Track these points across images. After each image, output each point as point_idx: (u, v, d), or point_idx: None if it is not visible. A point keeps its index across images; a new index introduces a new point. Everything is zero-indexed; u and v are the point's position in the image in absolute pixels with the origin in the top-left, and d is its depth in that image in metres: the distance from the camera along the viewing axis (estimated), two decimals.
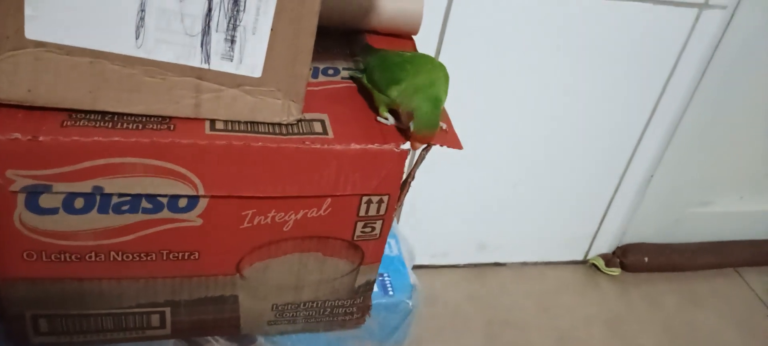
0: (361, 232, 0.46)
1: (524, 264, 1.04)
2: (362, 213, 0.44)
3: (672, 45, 0.86)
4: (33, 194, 0.37)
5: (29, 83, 0.36)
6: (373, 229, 0.46)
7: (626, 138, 0.95)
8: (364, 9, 0.51)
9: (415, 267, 0.65)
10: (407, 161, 0.43)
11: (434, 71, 0.43)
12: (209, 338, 0.52)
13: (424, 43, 0.60)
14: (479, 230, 0.98)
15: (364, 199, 0.44)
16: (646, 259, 1.09)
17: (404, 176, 0.44)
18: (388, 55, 0.46)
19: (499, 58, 0.79)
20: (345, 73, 0.48)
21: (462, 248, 0.99)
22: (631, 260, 1.08)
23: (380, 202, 0.44)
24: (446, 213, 0.93)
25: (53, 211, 0.38)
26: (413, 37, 0.55)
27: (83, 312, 0.44)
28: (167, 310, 0.46)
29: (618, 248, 1.10)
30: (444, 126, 0.44)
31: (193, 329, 0.48)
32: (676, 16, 0.83)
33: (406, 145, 0.42)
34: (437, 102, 0.41)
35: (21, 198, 0.37)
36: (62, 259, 0.41)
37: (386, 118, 0.43)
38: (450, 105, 0.45)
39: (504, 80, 0.82)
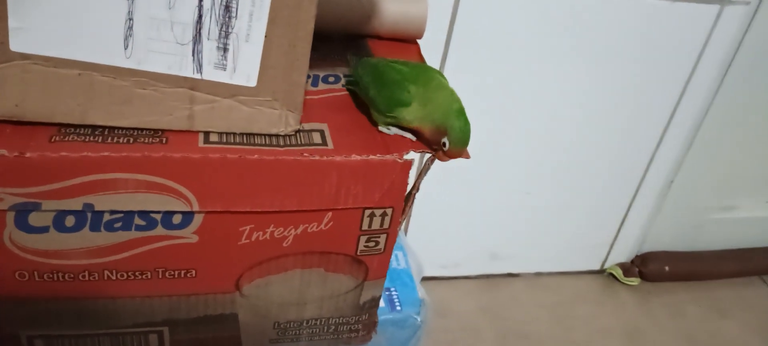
0: (365, 246, 0.44)
1: (538, 274, 1.02)
2: (365, 227, 0.43)
3: (692, 43, 0.83)
4: (22, 212, 0.36)
5: (16, 98, 0.35)
6: (377, 243, 0.44)
7: (645, 141, 0.93)
8: (365, 13, 0.50)
9: (425, 279, 0.63)
10: (412, 172, 0.41)
11: (441, 84, 0.42)
12: None
13: (430, 47, 0.58)
14: (491, 240, 0.96)
15: (367, 212, 0.42)
16: (667, 267, 1.06)
17: (409, 188, 0.42)
18: (381, 69, 0.43)
19: (510, 61, 0.77)
20: (346, 81, 0.47)
21: (473, 258, 0.97)
22: (650, 268, 1.05)
23: (384, 215, 0.42)
24: (456, 222, 0.91)
25: (44, 229, 0.37)
26: (418, 41, 0.53)
27: (79, 332, 0.43)
28: (165, 329, 0.45)
29: (637, 256, 1.07)
30: None
31: None
32: (696, 13, 0.80)
33: (410, 156, 0.40)
34: (464, 114, 0.40)
35: (10, 216, 0.36)
36: (55, 278, 0.39)
37: (388, 129, 0.41)
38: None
39: (515, 83, 0.80)
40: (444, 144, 0.39)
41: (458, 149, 0.40)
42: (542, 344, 0.90)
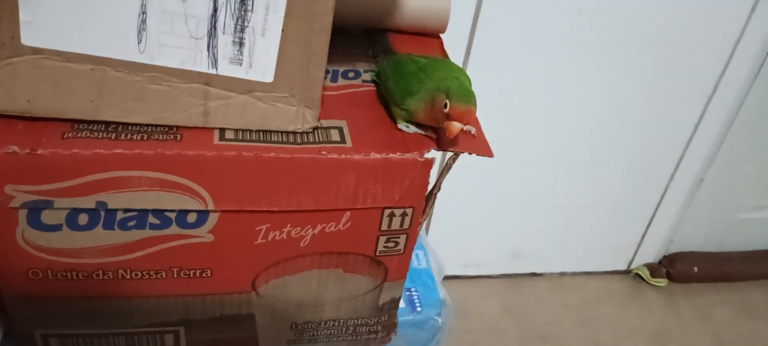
0: (384, 247, 0.43)
1: (562, 274, 1.00)
2: (384, 227, 0.41)
3: (726, 37, 0.80)
4: (34, 211, 0.35)
5: (28, 93, 0.34)
6: (397, 243, 0.43)
7: (675, 138, 0.90)
8: (386, 6, 0.48)
9: (446, 278, 0.62)
10: (433, 171, 0.40)
11: (453, 68, 0.40)
12: None
13: (453, 41, 0.57)
14: (514, 238, 0.94)
15: (386, 212, 0.41)
16: (696, 268, 1.03)
17: (430, 187, 0.41)
18: (401, 63, 0.42)
19: (535, 56, 0.75)
20: (366, 76, 0.45)
21: (496, 257, 0.95)
22: (678, 269, 1.02)
23: (404, 215, 0.41)
24: (479, 220, 0.89)
25: (56, 227, 0.36)
26: (440, 35, 0.51)
27: (94, 332, 0.43)
28: (181, 329, 0.44)
29: (664, 256, 1.04)
30: (473, 130, 0.40)
31: None
32: (730, 6, 0.77)
33: (431, 154, 0.39)
34: (466, 79, 0.38)
35: (22, 214, 0.35)
36: (69, 277, 0.39)
37: (407, 126, 0.40)
38: (481, 105, 0.42)
39: (540, 79, 0.77)
40: (445, 105, 0.36)
41: (462, 107, 0.36)
42: (565, 345, 0.88)
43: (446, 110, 0.36)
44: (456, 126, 0.36)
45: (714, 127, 0.90)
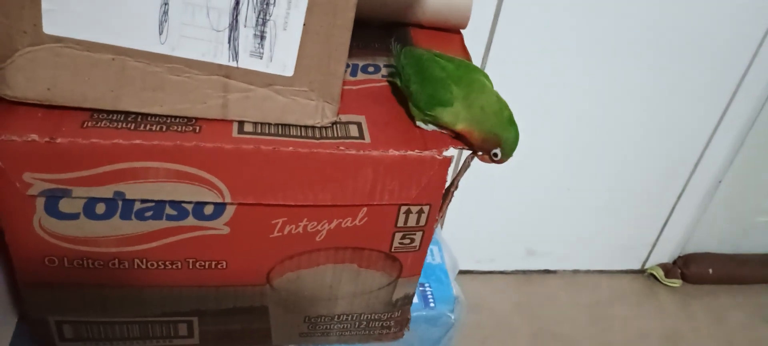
0: (400, 243, 0.42)
1: (576, 272, 0.99)
2: (401, 224, 0.41)
3: (748, 39, 0.79)
4: (52, 199, 0.35)
5: (48, 81, 0.34)
6: (413, 240, 0.42)
7: (694, 139, 0.88)
8: (407, 0, 0.47)
9: (459, 273, 0.61)
10: (450, 169, 0.39)
11: (484, 87, 0.40)
12: None
13: (473, 37, 0.56)
14: (528, 235, 0.93)
15: (403, 209, 0.40)
16: (711, 270, 1.02)
17: (447, 184, 0.40)
18: (425, 64, 0.41)
19: (555, 54, 0.74)
20: (386, 71, 0.45)
21: (509, 253, 0.94)
22: (693, 270, 1.01)
23: (420, 212, 0.41)
24: (493, 216, 0.88)
25: (74, 216, 0.36)
26: (461, 31, 0.51)
27: (108, 319, 0.43)
28: (195, 319, 0.44)
29: (679, 257, 1.03)
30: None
31: (222, 339, 0.46)
32: (752, 7, 0.76)
33: (449, 152, 0.38)
34: (515, 123, 0.39)
35: (40, 202, 0.35)
36: (84, 265, 0.39)
37: (425, 124, 0.39)
38: None
39: (559, 77, 0.76)
40: (495, 155, 0.39)
41: (508, 158, 0.39)
42: (577, 344, 0.88)
43: (496, 159, 0.39)
44: (492, 164, 0.40)
45: (734, 130, 0.88)
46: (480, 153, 0.40)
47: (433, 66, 0.40)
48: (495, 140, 0.38)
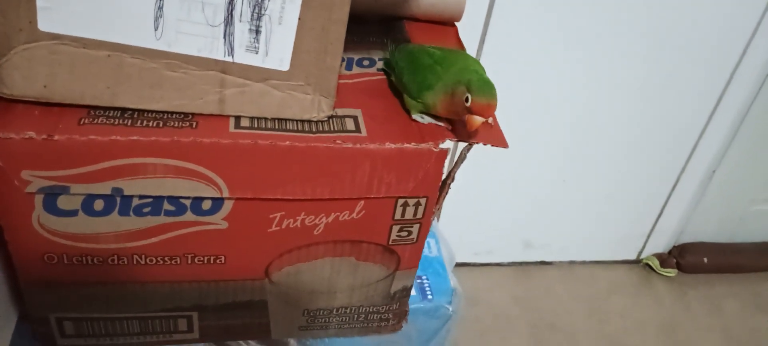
0: (397, 236, 0.43)
1: (572, 263, 1.00)
2: (398, 216, 0.41)
3: (741, 30, 0.79)
4: (51, 196, 0.35)
5: (45, 79, 0.34)
6: (410, 233, 0.43)
7: (687, 129, 0.89)
8: None
9: (456, 265, 0.62)
10: (447, 161, 0.39)
11: (469, 60, 0.40)
12: (241, 341, 0.50)
13: (468, 30, 0.56)
14: (525, 227, 0.94)
15: (400, 201, 0.40)
16: (706, 259, 1.02)
17: (443, 177, 0.41)
18: (415, 55, 0.41)
19: (550, 46, 0.74)
20: (381, 65, 0.45)
21: (506, 245, 0.95)
22: (688, 260, 1.02)
23: (417, 205, 0.41)
24: (490, 208, 0.89)
25: (72, 213, 0.36)
26: (456, 24, 0.51)
27: (108, 315, 0.43)
28: (194, 314, 0.44)
29: (675, 247, 1.04)
30: (490, 120, 0.40)
31: (221, 333, 0.46)
32: None
33: (446, 144, 0.38)
34: (483, 71, 0.38)
35: (39, 199, 0.35)
36: (84, 262, 0.39)
37: (422, 117, 0.40)
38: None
39: (554, 69, 0.77)
40: (467, 99, 0.36)
41: (484, 101, 0.36)
42: (575, 335, 0.88)
43: (468, 104, 0.36)
44: (477, 120, 0.36)
45: (727, 119, 0.89)
46: (462, 117, 0.37)
47: (422, 55, 0.41)
48: (462, 88, 0.36)
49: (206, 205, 0.38)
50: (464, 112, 0.36)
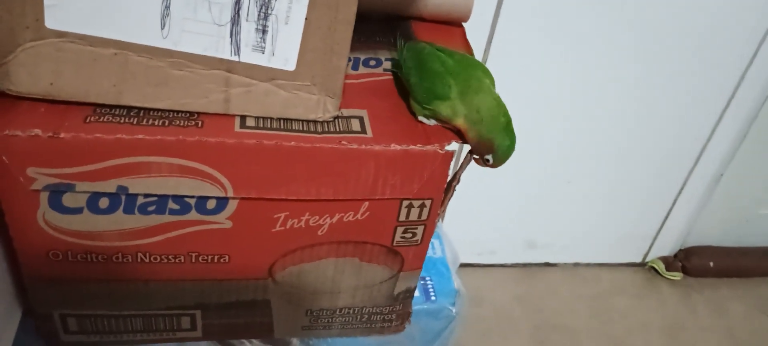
0: (401, 237, 0.43)
1: (576, 265, 0.99)
2: (402, 218, 0.41)
3: (752, 32, 0.79)
4: (56, 193, 0.35)
5: (51, 76, 0.34)
6: (414, 234, 0.43)
7: (696, 131, 0.88)
8: None
9: (460, 265, 0.62)
10: (452, 163, 0.39)
11: (482, 86, 0.39)
12: (244, 340, 0.50)
13: (475, 30, 0.56)
14: (529, 228, 0.93)
15: (405, 203, 0.40)
16: (711, 263, 1.02)
17: (448, 179, 0.40)
18: (425, 57, 0.41)
19: (557, 46, 0.74)
20: (388, 65, 0.45)
21: (510, 246, 0.94)
22: (694, 263, 1.01)
23: (422, 206, 0.41)
24: (494, 209, 0.88)
25: (77, 210, 0.36)
26: (463, 24, 0.51)
27: (112, 313, 0.43)
28: (197, 313, 0.44)
29: (680, 250, 1.03)
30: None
31: (224, 332, 0.47)
32: (755, 0, 0.75)
33: (451, 146, 0.38)
34: (512, 129, 0.38)
35: (44, 197, 0.35)
36: (88, 259, 0.39)
37: (427, 118, 0.39)
38: (500, 94, 0.41)
39: (561, 69, 0.76)
40: (487, 160, 0.39)
41: (501, 164, 0.39)
42: (578, 337, 0.88)
43: (489, 164, 0.39)
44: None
45: (736, 123, 0.88)
46: (475, 157, 0.40)
47: (432, 60, 0.40)
48: (489, 145, 0.38)
49: (211, 204, 0.38)
50: (481, 162, 0.39)
